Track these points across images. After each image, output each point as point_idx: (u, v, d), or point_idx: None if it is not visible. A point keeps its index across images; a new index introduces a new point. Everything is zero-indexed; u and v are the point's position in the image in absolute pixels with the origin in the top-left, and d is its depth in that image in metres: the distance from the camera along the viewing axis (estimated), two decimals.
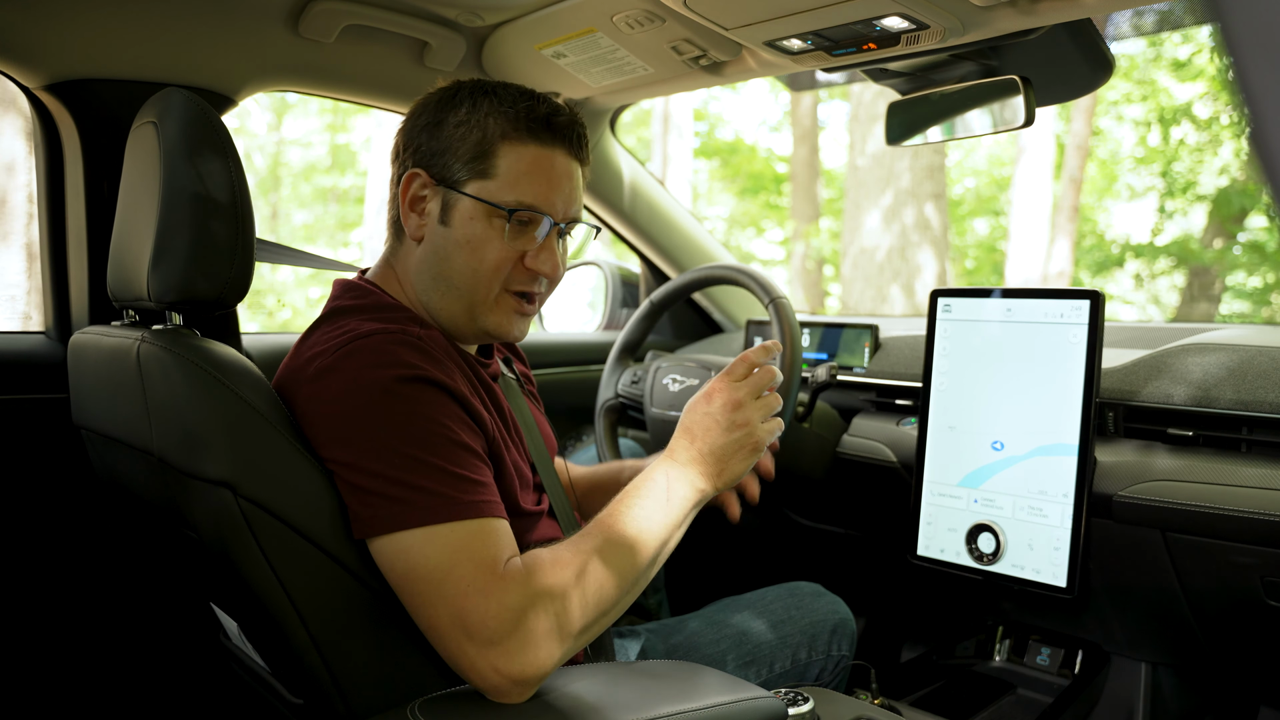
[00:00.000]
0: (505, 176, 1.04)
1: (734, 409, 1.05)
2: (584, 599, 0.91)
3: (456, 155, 1.04)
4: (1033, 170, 7.86)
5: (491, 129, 1.04)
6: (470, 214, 1.04)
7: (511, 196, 1.04)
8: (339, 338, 0.99)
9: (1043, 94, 1.45)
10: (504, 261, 1.06)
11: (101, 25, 1.38)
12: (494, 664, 0.86)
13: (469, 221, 1.04)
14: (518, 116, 1.04)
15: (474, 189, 1.04)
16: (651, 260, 2.27)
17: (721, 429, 1.04)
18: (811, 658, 1.37)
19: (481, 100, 1.05)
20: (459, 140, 1.04)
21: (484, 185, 1.04)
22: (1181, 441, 1.35)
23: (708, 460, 1.04)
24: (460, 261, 1.05)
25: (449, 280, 1.07)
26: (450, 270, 1.06)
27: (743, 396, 1.05)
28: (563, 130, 1.06)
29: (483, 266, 1.05)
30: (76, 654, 1.49)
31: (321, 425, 0.95)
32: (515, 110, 1.04)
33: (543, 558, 0.92)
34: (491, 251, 1.05)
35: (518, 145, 1.04)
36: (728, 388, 1.06)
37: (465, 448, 0.95)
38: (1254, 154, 0.29)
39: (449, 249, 1.06)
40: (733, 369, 1.07)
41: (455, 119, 1.05)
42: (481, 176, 1.04)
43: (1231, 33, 0.29)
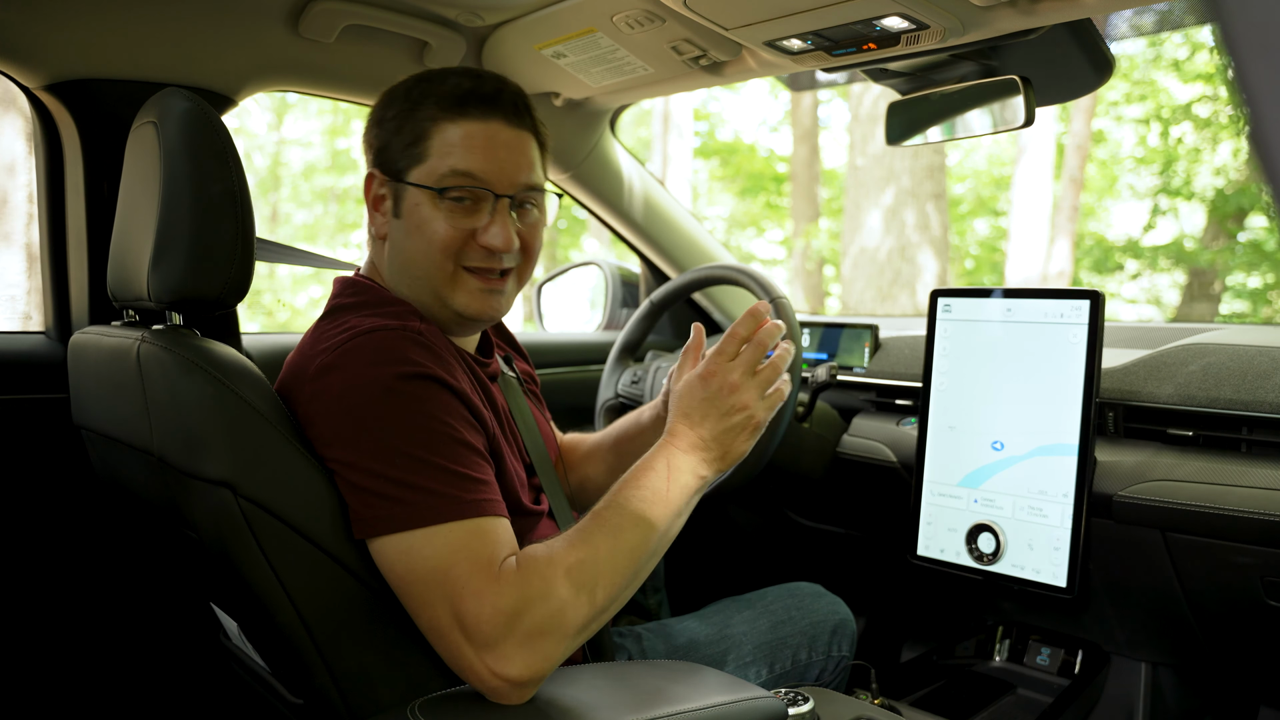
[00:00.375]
0: (437, 156, 1.04)
1: (730, 392, 1.02)
2: (581, 596, 0.89)
3: (396, 146, 1.06)
4: (1033, 170, 7.86)
5: (422, 113, 1.05)
6: (415, 200, 1.05)
7: (444, 171, 1.03)
8: (340, 335, 0.99)
9: (1043, 94, 1.45)
10: (451, 240, 1.04)
11: (101, 25, 1.38)
12: (491, 666, 0.86)
13: (415, 208, 1.05)
14: (446, 95, 1.04)
15: (414, 175, 1.05)
16: (651, 260, 2.27)
17: (720, 414, 1.02)
18: (812, 658, 1.37)
19: (415, 89, 1.06)
20: (396, 132, 1.06)
21: (420, 169, 1.05)
22: (1181, 441, 1.35)
23: (709, 446, 1.02)
24: (413, 248, 1.06)
25: (409, 269, 1.08)
26: (407, 259, 1.07)
27: (738, 378, 1.02)
28: (494, 100, 1.05)
29: (432, 248, 1.05)
30: (76, 654, 1.49)
31: (323, 423, 0.95)
32: (444, 90, 1.05)
33: (537, 555, 0.90)
34: (436, 232, 1.04)
35: (448, 124, 1.04)
36: (721, 369, 1.03)
37: (467, 445, 0.95)
38: (1254, 154, 0.29)
39: (403, 239, 1.07)
40: (723, 348, 1.04)
41: (393, 113, 1.07)
42: (418, 161, 1.05)
43: (1231, 33, 0.29)
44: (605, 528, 0.94)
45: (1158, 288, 9.07)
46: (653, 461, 1.00)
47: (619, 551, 0.93)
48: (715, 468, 1.03)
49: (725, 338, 1.05)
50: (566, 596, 0.88)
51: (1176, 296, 8.86)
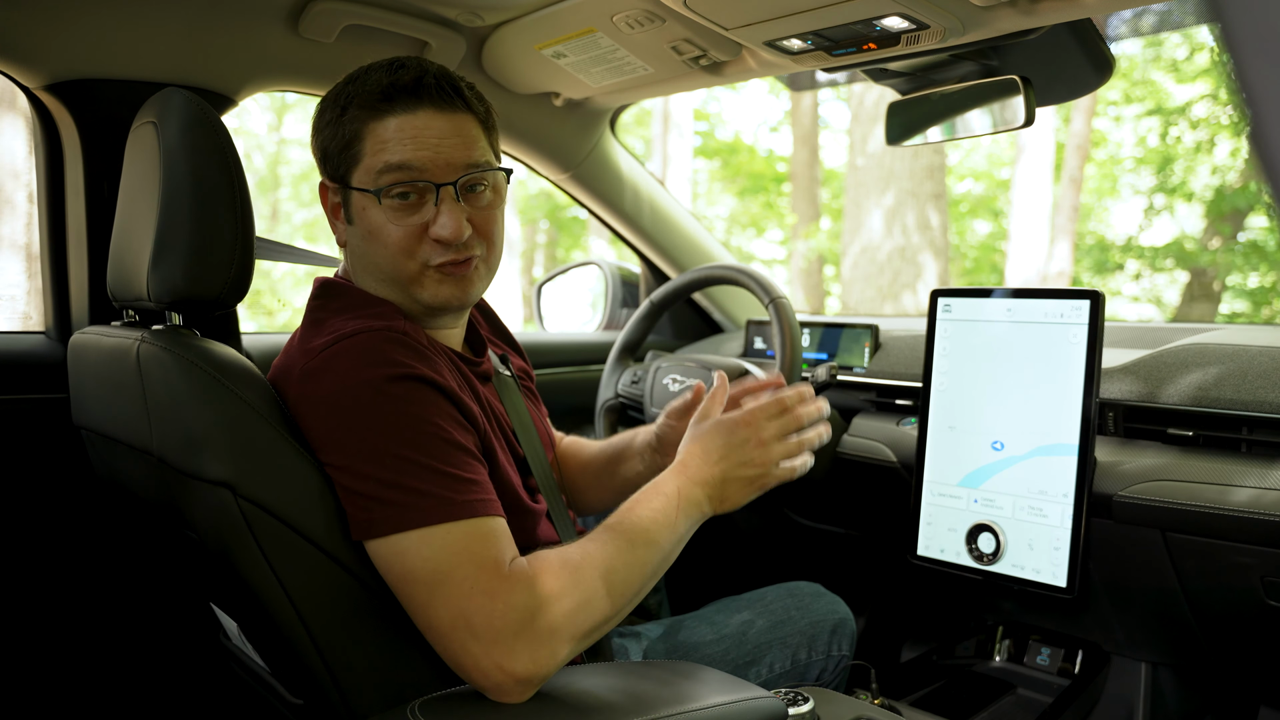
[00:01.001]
0: (370, 155, 1.02)
1: (756, 446, 1.05)
2: (590, 603, 0.91)
3: (335, 152, 1.04)
4: (1033, 170, 7.86)
5: (350, 115, 1.03)
6: (361, 204, 1.04)
7: (378, 169, 1.01)
8: (325, 337, 0.98)
9: (1043, 94, 1.45)
10: (406, 239, 1.02)
11: (101, 25, 1.38)
12: (499, 662, 0.86)
13: (362, 212, 1.04)
14: (369, 94, 1.02)
15: (355, 179, 1.04)
16: (651, 260, 2.27)
17: (737, 461, 1.05)
18: (811, 658, 1.37)
19: (342, 92, 1.04)
20: (332, 137, 1.04)
21: (359, 171, 1.03)
22: (1181, 441, 1.35)
23: (716, 485, 1.04)
24: (373, 254, 1.05)
25: (374, 273, 1.07)
26: (369, 263, 1.07)
27: (768, 436, 1.06)
28: (415, 89, 1.01)
29: (389, 251, 1.03)
30: (76, 654, 1.49)
31: (313, 428, 0.95)
32: (367, 88, 1.02)
33: (550, 560, 0.92)
34: (389, 234, 1.02)
35: (377, 122, 1.02)
36: (757, 422, 1.05)
37: (458, 446, 0.95)
38: (1254, 154, 0.29)
39: (361, 244, 1.06)
40: (767, 405, 1.07)
41: (328, 118, 1.05)
42: (355, 164, 1.03)
43: (1231, 33, 0.29)
44: (618, 540, 0.96)
45: (1158, 288, 9.07)
46: (664, 486, 1.03)
47: (628, 565, 0.95)
48: (713, 507, 1.05)
49: (774, 400, 1.08)
50: (579, 600, 0.90)
51: (1176, 296, 8.86)
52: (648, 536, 0.97)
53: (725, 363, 1.71)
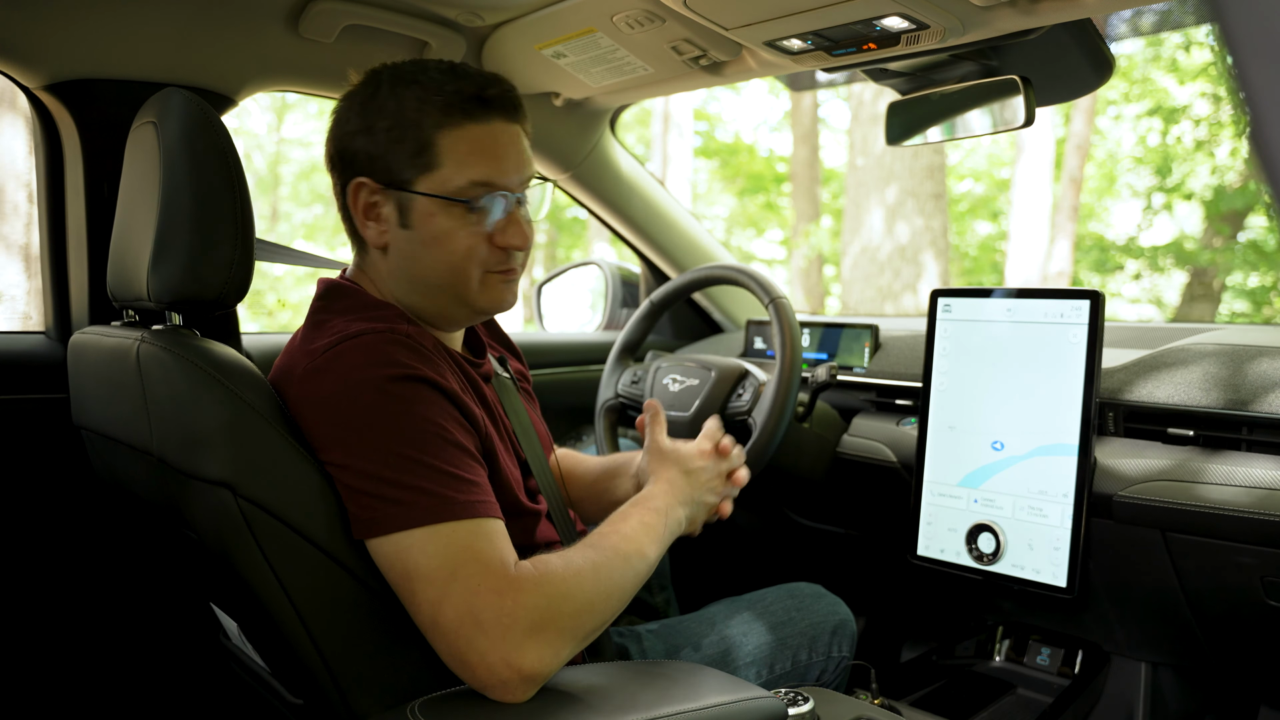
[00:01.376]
0: (451, 164, 1.02)
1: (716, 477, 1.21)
2: (591, 605, 0.93)
3: (397, 156, 1.02)
4: (1033, 170, 7.86)
5: (425, 121, 1.01)
6: (428, 210, 1.03)
7: (463, 182, 1.02)
8: (328, 338, 0.98)
9: (1043, 94, 1.45)
10: (474, 248, 1.04)
11: (101, 25, 1.38)
12: (507, 658, 0.86)
13: (429, 219, 1.03)
14: (448, 102, 1.01)
15: (424, 185, 1.02)
16: (651, 260, 2.27)
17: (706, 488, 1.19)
18: (812, 659, 1.37)
19: (405, 92, 1.02)
20: (395, 140, 1.02)
21: (432, 179, 1.02)
22: (1181, 441, 1.35)
23: (690, 506, 1.16)
24: (432, 259, 1.05)
25: (426, 280, 1.06)
26: (424, 270, 1.06)
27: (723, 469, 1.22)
28: (495, 101, 1.03)
29: (455, 259, 1.04)
30: (76, 654, 1.49)
31: (315, 427, 0.95)
32: (443, 95, 1.02)
33: (554, 562, 0.93)
34: (459, 242, 1.03)
35: (454, 130, 1.02)
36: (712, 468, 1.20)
37: (459, 447, 0.95)
38: (1254, 154, 0.29)
39: (417, 250, 1.05)
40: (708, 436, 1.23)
41: (385, 120, 1.02)
42: (427, 170, 1.02)
43: (1231, 33, 0.29)
44: (614, 548, 0.99)
45: (1158, 288, 9.07)
46: (654, 502, 1.10)
47: (622, 571, 0.98)
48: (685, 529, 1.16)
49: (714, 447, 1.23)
50: (582, 602, 0.92)
51: (1176, 296, 8.86)
52: (639, 547, 1.02)
53: (725, 363, 1.71)
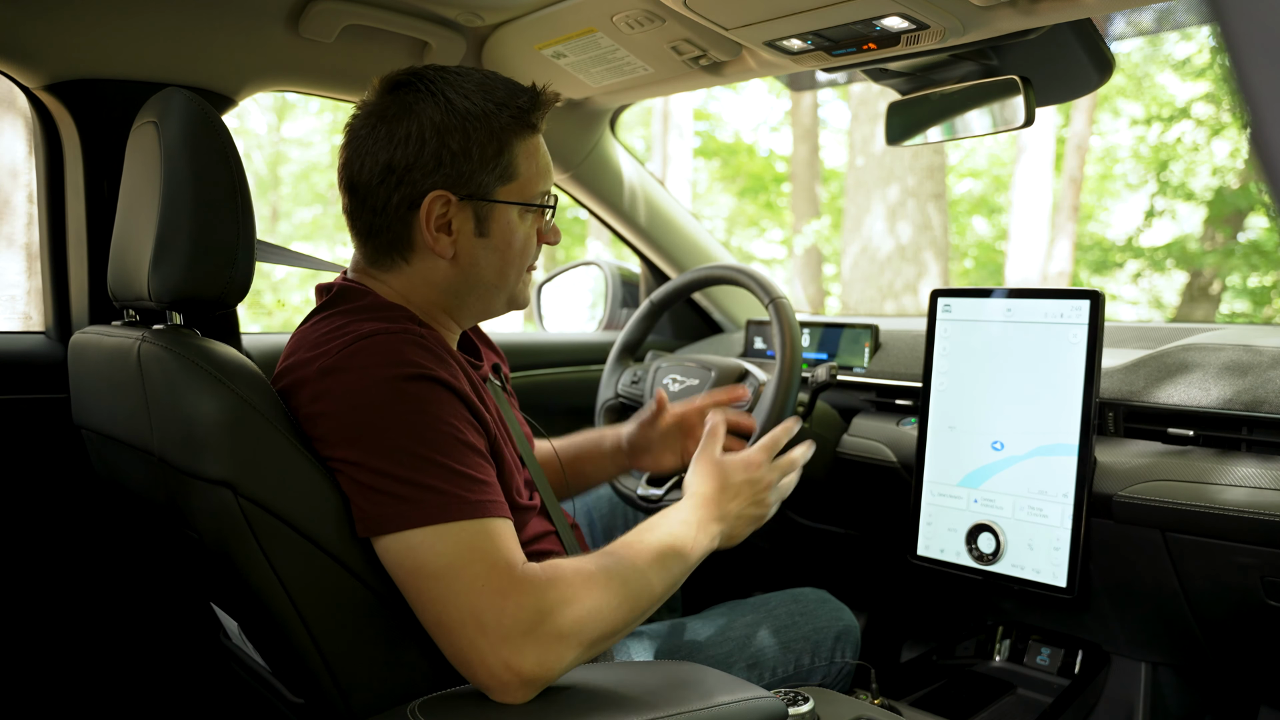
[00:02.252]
0: (526, 173, 1.08)
1: (764, 489, 1.16)
2: (600, 613, 0.92)
3: (480, 168, 1.04)
4: (1033, 170, 7.86)
5: (505, 134, 1.05)
6: (506, 219, 1.08)
7: (537, 189, 1.10)
8: (341, 337, 0.99)
9: (1043, 94, 1.45)
10: (529, 248, 1.12)
11: (101, 25, 1.38)
12: (506, 660, 0.86)
13: (506, 226, 1.08)
14: (521, 114, 1.06)
15: (504, 194, 1.07)
16: (651, 260, 2.27)
17: (745, 502, 1.14)
18: (815, 664, 1.37)
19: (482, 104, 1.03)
20: (480, 153, 1.04)
21: (511, 188, 1.07)
22: (1181, 441, 1.35)
23: (725, 521, 1.12)
24: (500, 263, 1.09)
25: (489, 283, 1.10)
26: (491, 274, 1.10)
27: (773, 479, 1.16)
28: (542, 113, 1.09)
29: (515, 259, 1.10)
30: (76, 654, 1.49)
31: (326, 425, 0.95)
32: (511, 109, 1.06)
33: (564, 568, 0.93)
34: (527, 245, 1.11)
35: (523, 140, 1.07)
36: (762, 469, 1.16)
37: (471, 447, 0.96)
38: (1254, 154, 0.29)
39: (488, 257, 1.08)
40: (766, 447, 1.17)
41: (464, 134, 1.02)
42: (506, 180, 1.06)
43: (1231, 33, 0.29)
44: (635, 559, 0.99)
45: (1158, 288, 9.07)
46: (688, 516, 1.09)
47: (640, 584, 0.98)
48: (721, 543, 1.13)
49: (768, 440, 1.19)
50: (589, 608, 0.91)
51: (1176, 297, 8.86)
52: (664, 562, 1.01)
53: (725, 363, 1.71)
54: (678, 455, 1.43)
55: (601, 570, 0.95)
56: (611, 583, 0.94)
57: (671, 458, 1.43)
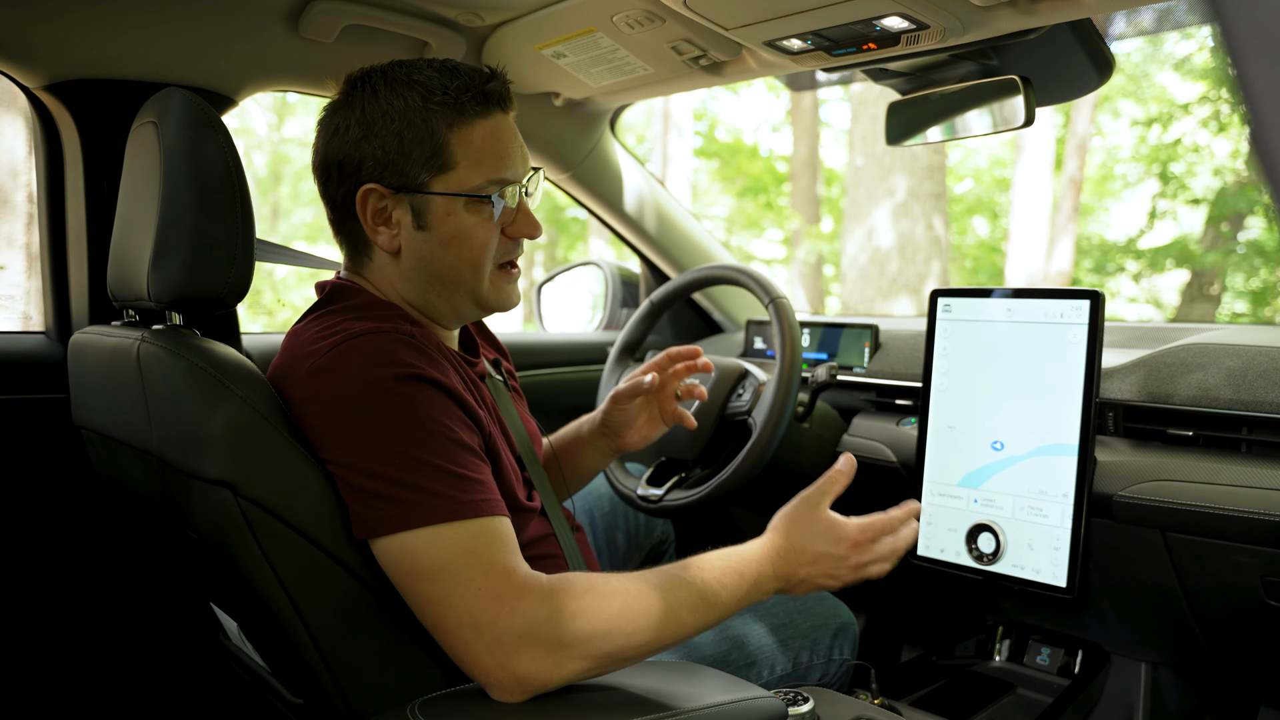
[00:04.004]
0: (467, 162, 1.03)
1: (852, 569, 1.05)
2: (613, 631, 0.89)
3: (410, 159, 1.02)
4: (1033, 170, 7.86)
5: (435, 122, 1.02)
6: (446, 210, 1.03)
7: (481, 178, 1.03)
8: (331, 337, 0.98)
9: (1043, 94, 1.45)
10: (491, 242, 1.06)
11: (101, 25, 1.38)
12: (500, 662, 0.86)
13: (447, 219, 1.04)
14: (455, 101, 1.02)
15: (441, 185, 1.03)
16: (651, 260, 2.27)
17: (826, 572, 1.04)
18: (813, 661, 1.37)
19: (408, 94, 1.02)
20: (406, 144, 1.02)
21: (449, 178, 1.03)
22: (1181, 441, 1.35)
23: (794, 583, 1.03)
24: (450, 258, 1.05)
25: (443, 279, 1.06)
26: (442, 269, 1.06)
27: (865, 560, 1.05)
28: (495, 95, 1.05)
29: (474, 255, 1.05)
30: (76, 654, 1.49)
31: (319, 426, 0.95)
32: (448, 94, 1.02)
33: (576, 580, 0.91)
34: (479, 238, 1.05)
35: (465, 128, 1.03)
36: (867, 547, 1.05)
37: (464, 446, 0.95)
38: (1254, 154, 0.29)
39: (434, 251, 1.05)
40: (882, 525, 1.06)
41: (391, 125, 1.01)
42: (443, 171, 1.02)
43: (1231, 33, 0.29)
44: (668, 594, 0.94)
45: (1158, 288, 9.07)
46: (747, 569, 1.00)
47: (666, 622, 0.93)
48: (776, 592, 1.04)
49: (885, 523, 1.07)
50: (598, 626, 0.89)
51: (1176, 297, 8.86)
52: (702, 605, 0.96)
53: (725, 363, 1.71)
54: (658, 422, 1.37)
55: (626, 593, 0.91)
56: (637, 606, 0.91)
57: (652, 425, 1.37)
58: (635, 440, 1.38)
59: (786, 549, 1.03)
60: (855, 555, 1.05)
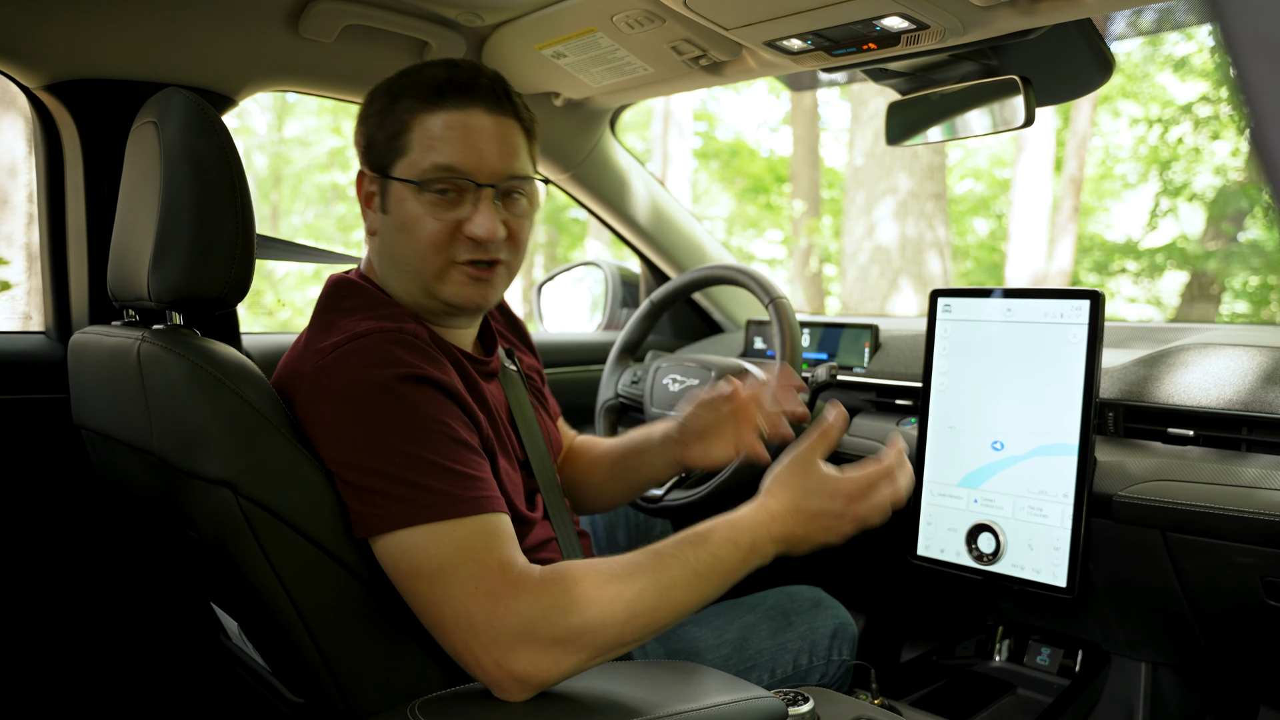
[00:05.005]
0: (419, 149, 1.03)
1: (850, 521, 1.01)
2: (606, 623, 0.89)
3: (380, 142, 1.06)
4: (1033, 170, 7.86)
5: (402, 106, 1.04)
6: (400, 195, 1.05)
7: (427, 165, 1.03)
8: (335, 337, 0.99)
9: (1043, 94, 1.45)
10: (438, 234, 1.04)
11: (101, 25, 1.38)
12: (497, 659, 0.86)
13: (400, 203, 1.05)
14: (425, 87, 1.04)
15: (398, 170, 1.04)
16: (651, 260, 2.27)
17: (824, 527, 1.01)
18: (812, 663, 1.37)
19: (396, 83, 1.06)
20: (379, 127, 1.06)
21: (403, 163, 1.04)
22: (1181, 441, 1.35)
23: (793, 542, 1.00)
24: (401, 244, 1.06)
25: (398, 264, 1.08)
26: (396, 254, 1.07)
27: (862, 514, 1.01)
28: (470, 87, 1.03)
29: (420, 244, 1.04)
30: (76, 654, 1.49)
31: (321, 425, 0.95)
32: (422, 81, 1.04)
33: (571, 571, 0.90)
34: (424, 227, 1.04)
35: (427, 115, 1.03)
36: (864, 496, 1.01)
37: (464, 444, 0.95)
38: (1254, 154, 0.29)
39: (391, 235, 1.07)
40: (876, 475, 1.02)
41: (376, 108, 1.07)
42: (401, 155, 1.04)
43: (1231, 33, 0.29)
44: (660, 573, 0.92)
45: (1158, 288, 9.07)
46: (740, 536, 0.97)
47: (661, 602, 0.92)
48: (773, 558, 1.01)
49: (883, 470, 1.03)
50: (596, 617, 0.88)
51: (1176, 297, 8.86)
52: (697, 580, 0.94)
53: (725, 363, 1.71)
54: (730, 446, 1.29)
55: (614, 578, 0.90)
56: (623, 593, 0.90)
57: (723, 448, 1.30)
58: (701, 455, 1.30)
59: (782, 510, 1.00)
60: (853, 508, 1.01)
